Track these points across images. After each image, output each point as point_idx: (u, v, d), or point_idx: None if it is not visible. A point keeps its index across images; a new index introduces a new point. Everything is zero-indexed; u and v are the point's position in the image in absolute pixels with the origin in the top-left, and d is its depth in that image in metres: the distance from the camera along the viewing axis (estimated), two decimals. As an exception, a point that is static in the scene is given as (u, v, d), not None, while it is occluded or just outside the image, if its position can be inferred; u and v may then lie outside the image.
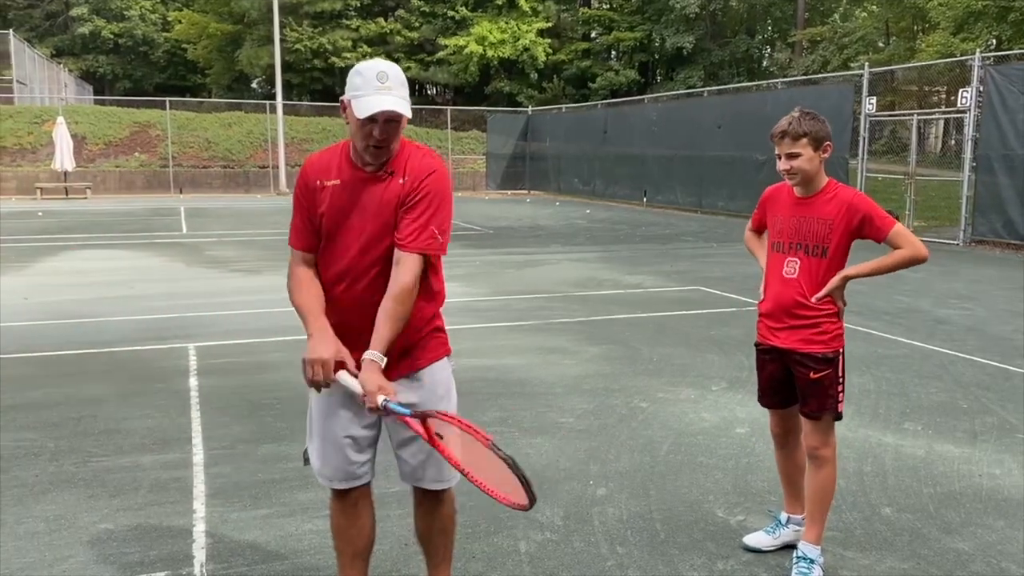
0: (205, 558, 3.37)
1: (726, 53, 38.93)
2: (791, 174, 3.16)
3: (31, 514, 3.75)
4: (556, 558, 3.39)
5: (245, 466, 4.34)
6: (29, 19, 48.33)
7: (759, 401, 3.48)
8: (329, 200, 2.59)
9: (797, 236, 3.21)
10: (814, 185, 3.20)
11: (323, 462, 2.72)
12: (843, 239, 3.16)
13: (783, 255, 3.25)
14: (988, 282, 10.84)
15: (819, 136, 3.12)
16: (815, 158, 3.13)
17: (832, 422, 3.24)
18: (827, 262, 3.17)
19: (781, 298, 3.24)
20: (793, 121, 3.12)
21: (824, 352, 3.18)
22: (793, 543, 3.37)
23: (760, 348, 3.38)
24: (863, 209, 3.14)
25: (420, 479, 2.71)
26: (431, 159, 2.62)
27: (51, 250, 13.17)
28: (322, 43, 38.96)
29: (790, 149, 3.12)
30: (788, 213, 3.26)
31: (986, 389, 5.86)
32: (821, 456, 3.23)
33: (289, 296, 2.65)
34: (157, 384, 5.83)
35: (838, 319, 3.22)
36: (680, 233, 17.20)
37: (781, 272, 3.25)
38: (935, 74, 27.64)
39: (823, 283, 3.17)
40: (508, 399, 5.54)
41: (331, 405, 2.67)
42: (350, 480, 2.72)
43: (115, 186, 28.20)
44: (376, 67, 2.51)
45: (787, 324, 3.22)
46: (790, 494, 3.49)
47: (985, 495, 4.04)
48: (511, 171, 32.25)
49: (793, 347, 3.22)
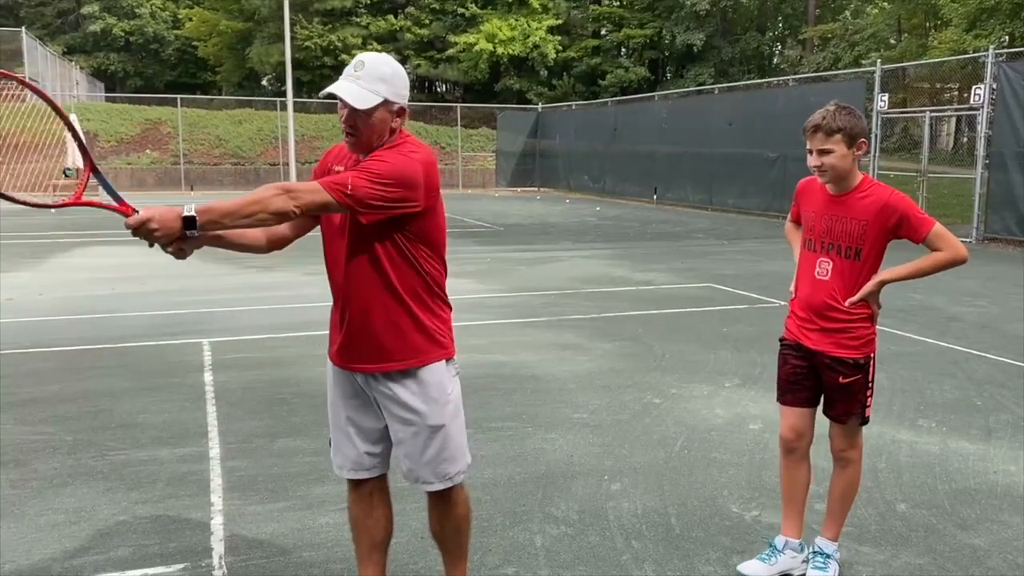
0: (224, 550, 3.40)
1: (736, 50, 38.82)
2: (822, 171, 3.01)
3: (51, 506, 3.79)
4: (572, 552, 3.41)
5: (261, 460, 4.37)
6: (41, 17, 48.55)
7: (778, 399, 3.28)
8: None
9: (829, 236, 3.09)
10: (848, 183, 3.04)
11: (335, 451, 2.80)
12: (878, 240, 3.02)
13: (815, 254, 3.13)
14: (1001, 279, 10.80)
15: (854, 132, 2.95)
16: (848, 155, 2.97)
17: (859, 426, 3.16)
18: (861, 265, 3.04)
19: (812, 300, 3.13)
20: (828, 115, 2.95)
21: (856, 358, 3.08)
22: (790, 572, 3.23)
23: (785, 343, 3.25)
24: (900, 209, 2.98)
25: (417, 479, 2.71)
26: (400, 148, 2.51)
27: (65, 246, 13.25)
28: (332, 40, 39.02)
29: (822, 145, 2.96)
30: (820, 211, 3.12)
31: (1000, 386, 5.84)
32: (848, 458, 3.18)
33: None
34: (172, 379, 5.87)
35: (871, 323, 3.10)
36: (691, 231, 17.18)
37: (813, 273, 3.13)
38: (947, 71, 27.48)
39: (857, 286, 3.05)
40: (522, 395, 5.55)
41: (336, 395, 2.75)
42: (360, 470, 2.75)
43: (127, 183, 28.31)
44: (359, 57, 2.54)
45: (819, 326, 3.11)
46: (789, 513, 3.28)
47: (1000, 491, 4.04)
48: (521, 168, 32.26)
49: (824, 350, 3.10)
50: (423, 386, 2.61)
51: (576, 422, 5.02)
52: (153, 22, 48.43)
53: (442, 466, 2.67)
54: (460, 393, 2.74)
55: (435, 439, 2.63)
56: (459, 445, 2.70)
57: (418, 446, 2.63)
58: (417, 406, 2.61)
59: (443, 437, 2.65)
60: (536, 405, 5.34)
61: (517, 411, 5.21)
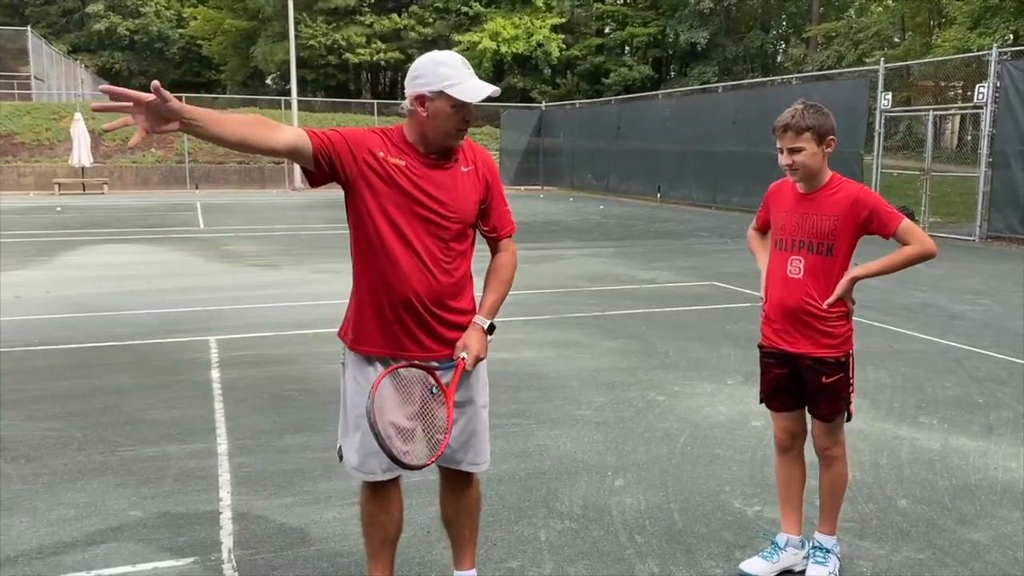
0: (233, 544, 3.45)
1: (740, 49, 38.84)
2: (793, 169, 3.04)
3: (62, 501, 3.84)
4: (575, 546, 3.45)
5: (269, 456, 4.42)
6: (46, 16, 48.74)
7: (764, 403, 3.35)
8: (392, 175, 2.61)
9: (800, 233, 3.09)
10: (817, 180, 3.08)
11: (368, 456, 2.71)
12: (849, 236, 3.05)
13: (786, 253, 3.13)
14: (1004, 278, 10.82)
15: (823, 130, 2.99)
16: (818, 153, 3.01)
17: (842, 422, 3.19)
18: (833, 261, 3.06)
19: (786, 300, 3.12)
20: (796, 114, 2.99)
21: (836, 356, 3.10)
22: (792, 568, 3.25)
23: (764, 351, 3.27)
24: (870, 204, 3.02)
25: (459, 462, 2.81)
26: (477, 146, 2.87)
27: (70, 245, 13.32)
28: (336, 39, 39.12)
29: (792, 143, 2.99)
30: (791, 209, 3.13)
31: (1002, 384, 5.88)
32: (832, 455, 3.20)
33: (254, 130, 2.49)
34: (180, 376, 5.92)
35: (847, 321, 3.12)
36: (694, 229, 17.20)
37: (785, 271, 3.13)
38: (951, 69, 27.46)
39: (830, 283, 3.06)
40: (526, 392, 5.60)
41: (379, 398, 2.66)
42: (394, 471, 2.74)
43: (132, 182, 28.42)
44: (454, 56, 2.64)
45: (796, 328, 3.11)
46: (788, 510, 3.32)
47: (1001, 487, 4.08)
48: (525, 167, 32.27)
49: (805, 352, 3.11)
50: (479, 368, 2.80)
51: (580, 419, 5.06)
52: (158, 21, 48.58)
53: (483, 449, 2.84)
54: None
55: (481, 419, 2.82)
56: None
57: (467, 430, 2.78)
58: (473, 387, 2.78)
59: (486, 418, 2.84)
60: (540, 402, 5.39)
61: (522, 408, 5.25)
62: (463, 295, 2.78)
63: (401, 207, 2.62)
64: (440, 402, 2.64)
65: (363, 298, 2.71)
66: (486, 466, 2.88)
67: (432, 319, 2.69)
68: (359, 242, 2.70)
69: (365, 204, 2.63)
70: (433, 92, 2.56)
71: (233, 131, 2.41)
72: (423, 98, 2.58)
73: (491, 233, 2.86)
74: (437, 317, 2.69)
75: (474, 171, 2.76)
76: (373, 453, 2.70)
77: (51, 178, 26.27)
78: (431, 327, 2.69)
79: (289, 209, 20.86)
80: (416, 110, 2.60)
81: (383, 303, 2.67)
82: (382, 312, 2.67)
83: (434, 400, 2.65)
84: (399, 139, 2.68)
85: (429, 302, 2.67)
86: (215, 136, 2.38)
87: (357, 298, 2.74)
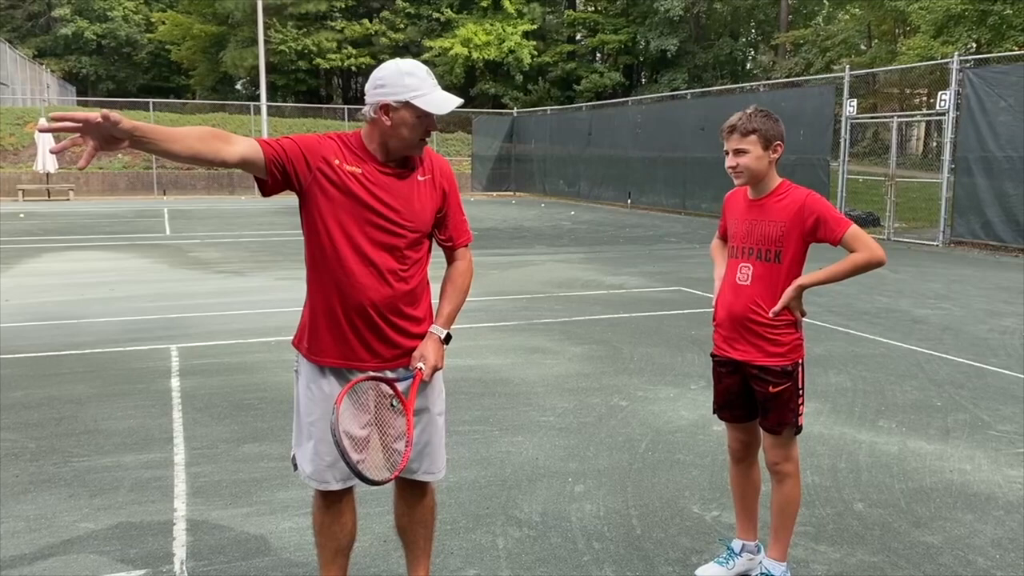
0: (186, 555, 3.40)
1: (710, 56, 39.21)
2: (737, 172, 3.01)
3: (11, 513, 3.76)
4: (533, 553, 3.44)
5: (226, 465, 4.36)
6: (11, 20, 48.04)
7: (716, 414, 3.30)
8: (347, 183, 2.58)
9: (749, 240, 3.07)
10: (765, 186, 3.05)
11: (321, 464, 2.68)
12: (797, 242, 3.00)
13: (737, 260, 3.11)
14: (966, 282, 10.98)
15: (770, 135, 2.97)
16: (764, 157, 2.98)
17: (793, 436, 3.10)
18: (780, 268, 3.01)
19: (733, 307, 3.09)
20: (744, 117, 2.98)
21: (783, 365, 3.03)
22: (748, 573, 3.24)
23: (716, 359, 3.23)
24: (816, 210, 2.97)
25: (414, 471, 2.77)
26: (436, 155, 2.83)
27: (33, 252, 13.11)
28: (307, 44, 38.95)
29: (738, 145, 2.98)
30: (741, 216, 3.12)
31: (960, 387, 5.95)
32: (783, 471, 3.11)
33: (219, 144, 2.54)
34: (139, 384, 5.84)
35: (796, 329, 3.06)
36: (664, 234, 17.30)
37: (734, 278, 3.11)
38: (916, 77, 27.89)
39: (778, 290, 3.01)
40: (490, 398, 5.58)
41: (330, 406, 2.62)
42: (347, 480, 2.72)
43: (98, 188, 28.08)
44: (420, 66, 2.62)
45: (743, 335, 3.07)
46: (743, 517, 3.31)
47: (955, 490, 4.12)
48: (496, 173, 32.31)
49: (750, 359, 3.06)
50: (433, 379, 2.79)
51: (543, 425, 5.06)
52: (126, 25, 48.08)
53: (438, 459, 2.83)
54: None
55: (437, 428, 2.81)
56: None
57: (422, 439, 2.75)
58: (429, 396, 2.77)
59: (442, 426, 2.83)
60: (504, 408, 5.37)
61: (485, 415, 5.24)
62: (419, 302, 2.75)
63: (356, 215, 2.59)
64: (399, 412, 2.62)
65: (317, 307, 2.68)
66: (442, 475, 2.86)
67: (388, 327, 2.66)
68: (313, 250, 2.67)
69: (320, 212, 2.60)
70: (399, 102, 2.53)
71: (185, 146, 2.39)
72: (387, 107, 2.55)
73: (447, 242, 2.84)
74: (393, 325, 2.67)
75: (431, 180, 2.73)
76: (328, 464, 2.69)
77: (15, 184, 25.89)
78: (386, 335, 2.66)
79: (258, 215, 20.69)
80: (379, 118, 2.57)
81: (337, 312, 2.64)
82: (336, 321, 2.64)
83: (392, 411, 2.62)
84: (357, 145, 2.64)
85: (385, 310, 2.64)
86: (167, 152, 2.36)
87: (311, 307, 2.71)
